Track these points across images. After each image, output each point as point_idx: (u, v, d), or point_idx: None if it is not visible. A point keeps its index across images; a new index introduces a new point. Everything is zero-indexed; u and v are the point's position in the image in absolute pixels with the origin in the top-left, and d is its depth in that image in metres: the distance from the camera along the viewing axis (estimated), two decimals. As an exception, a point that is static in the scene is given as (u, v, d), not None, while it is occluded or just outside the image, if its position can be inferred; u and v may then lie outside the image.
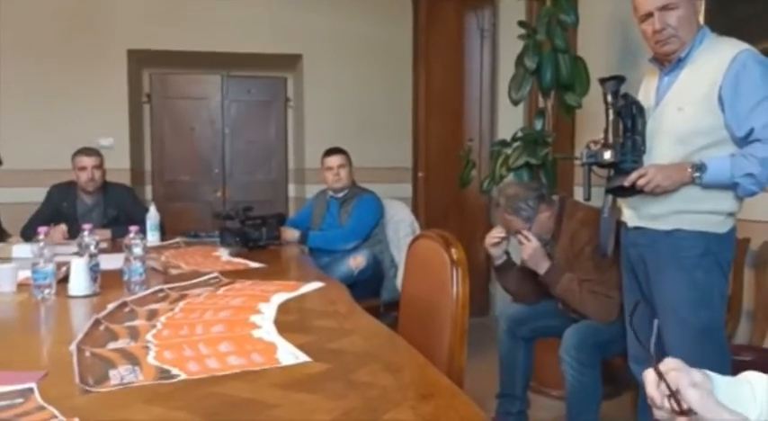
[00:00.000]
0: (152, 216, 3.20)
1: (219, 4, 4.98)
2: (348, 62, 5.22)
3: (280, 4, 5.09)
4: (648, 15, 1.96)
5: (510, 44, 3.83)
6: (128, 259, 1.93)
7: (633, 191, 1.96)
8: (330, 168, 3.52)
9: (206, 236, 3.43)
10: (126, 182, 4.25)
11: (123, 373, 1.12)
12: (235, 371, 1.14)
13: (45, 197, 3.49)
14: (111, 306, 1.61)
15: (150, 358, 1.21)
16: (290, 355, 1.23)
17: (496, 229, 2.60)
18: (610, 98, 2.02)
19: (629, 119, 2.02)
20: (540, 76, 3.29)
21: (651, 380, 0.78)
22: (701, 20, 2.15)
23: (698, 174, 1.88)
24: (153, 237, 3.13)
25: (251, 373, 1.12)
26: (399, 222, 3.60)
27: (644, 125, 2.03)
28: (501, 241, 2.59)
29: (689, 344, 1.92)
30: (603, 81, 2.06)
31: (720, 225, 1.96)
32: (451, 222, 4.55)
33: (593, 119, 3.28)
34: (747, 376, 0.86)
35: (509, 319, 2.62)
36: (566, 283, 2.39)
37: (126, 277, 1.92)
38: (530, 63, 3.27)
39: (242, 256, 2.73)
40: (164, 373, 1.12)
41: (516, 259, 2.66)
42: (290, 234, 3.32)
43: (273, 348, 1.28)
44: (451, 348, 1.45)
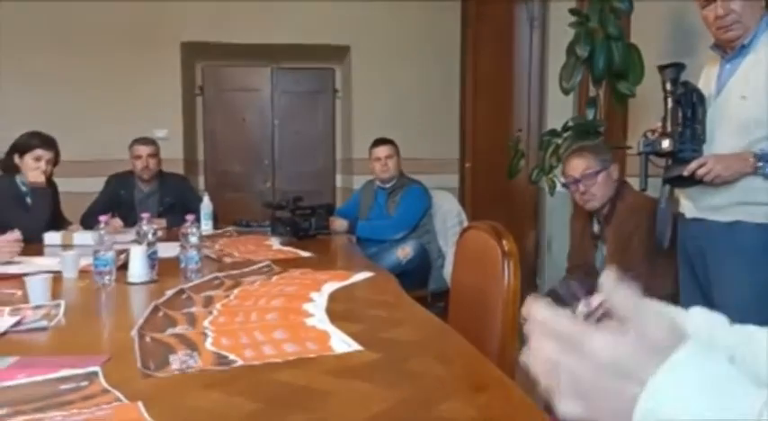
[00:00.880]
0: (206, 205, 3.27)
1: (269, -3, 5.04)
2: (396, 53, 5.22)
3: (328, -5, 5.12)
4: (710, 1, 1.90)
5: (560, 33, 3.76)
6: (184, 247, 1.98)
7: (692, 181, 1.91)
8: (378, 159, 3.53)
9: (257, 225, 3.49)
10: (179, 172, 4.36)
11: (183, 358, 1.15)
12: (289, 359, 1.16)
13: (104, 186, 3.61)
14: (169, 293, 1.66)
15: (208, 344, 1.25)
16: (342, 344, 1.24)
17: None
18: (669, 86, 1.96)
19: (688, 107, 1.96)
20: (593, 64, 3.21)
21: None
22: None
23: (761, 164, 1.82)
24: (207, 226, 3.20)
25: (305, 361, 1.14)
26: (447, 213, 3.60)
27: (704, 114, 1.97)
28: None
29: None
30: (662, 68, 2.00)
31: (784, 217, 1.89)
32: (499, 213, 4.50)
33: (646, 108, 3.19)
34: None
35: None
36: None
37: (183, 265, 1.98)
38: (581, 51, 3.20)
39: (292, 246, 2.77)
40: (221, 359, 1.15)
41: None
42: (338, 224, 3.35)
43: (326, 336, 1.30)
44: (503, 340, 1.44)
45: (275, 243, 2.86)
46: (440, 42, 5.25)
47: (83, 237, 2.68)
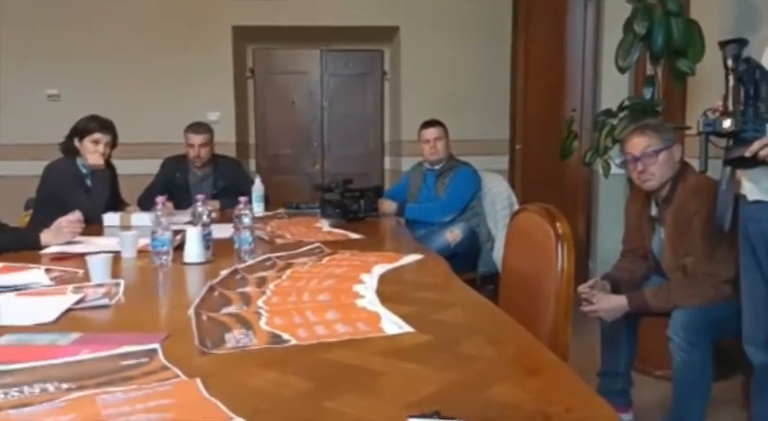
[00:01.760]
0: (257, 188, 3.32)
1: (319, -22, 5.04)
2: (446, 32, 5.16)
3: (377, -25, 5.09)
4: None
5: (616, 9, 3.65)
6: (237, 228, 2.01)
7: (755, 162, 1.83)
8: (427, 141, 3.51)
9: (306, 207, 3.53)
10: (232, 155, 4.43)
11: (238, 337, 1.18)
12: (342, 339, 1.17)
13: (159, 169, 3.70)
14: (224, 273, 1.69)
15: (262, 323, 1.27)
16: (393, 325, 1.25)
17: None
18: (730, 63, 1.87)
19: (751, 85, 1.87)
20: (651, 41, 3.11)
21: None
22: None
23: None
24: (258, 208, 3.25)
25: (357, 341, 1.15)
26: (496, 195, 3.55)
27: (767, 92, 1.88)
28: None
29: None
30: (724, 44, 1.91)
31: None
32: (550, 196, 4.40)
33: (706, 86, 3.07)
34: None
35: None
36: (652, 299, 2.29)
37: (236, 246, 2.01)
38: (639, 28, 3.10)
39: (341, 227, 2.79)
40: (275, 338, 1.17)
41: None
42: (387, 206, 3.35)
43: (377, 318, 1.31)
44: (555, 324, 1.42)
45: (325, 225, 2.88)
46: (490, 21, 5.16)
47: (140, 218, 2.77)
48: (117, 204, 3.15)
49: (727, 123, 1.87)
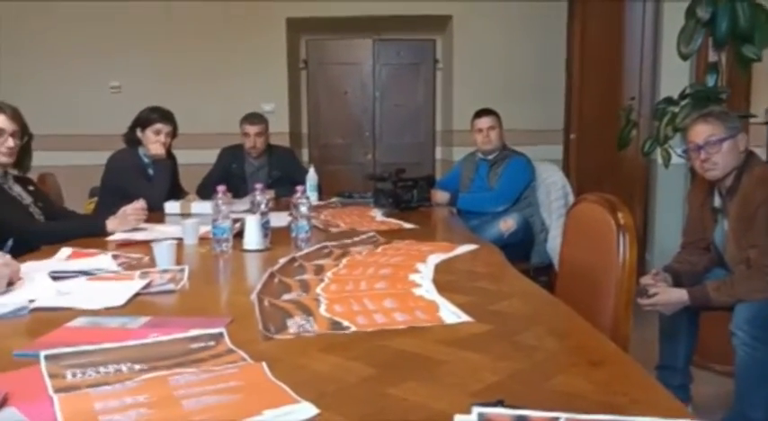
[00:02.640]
0: (311, 177, 3.36)
1: (372, -33, 5.04)
2: (499, 20, 5.10)
3: (430, -37, 5.06)
4: None
5: (678, -7, 3.53)
6: (294, 217, 2.05)
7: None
8: (480, 130, 3.48)
9: (359, 196, 3.55)
10: (285, 145, 4.49)
11: (300, 323, 1.20)
12: (400, 327, 1.18)
13: (216, 159, 3.79)
14: (283, 260, 1.73)
15: (322, 310, 1.29)
16: (452, 314, 1.25)
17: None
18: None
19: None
20: (714, 26, 3.00)
21: None
22: None
23: None
24: (312, 197, 3.28)
25: (416, 329, 1.16)
26: (551, 185, 3.50)
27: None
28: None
29: None
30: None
31: None
32: (606, 186, 4.32)
33: (774, 73, 2.95)
34: None
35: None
36: (715, 293, 2.21)
37: (293, 234, 2.05)
38: (702, 13, 2.99)
39: (394, 217, 2.80)
40: (335, 325, 1.19)
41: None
42: (439, 196, 3.35)
43: (435, 306, 1.31)
44: (616, 316, 1.40)
45: (378, 214, 2.90)
46: (545, 7, 5.06)
47: (200, 206, 2.84)
48: (177, 193, 3.24)
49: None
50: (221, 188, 1.99)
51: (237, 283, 1.74)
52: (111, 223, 2.29)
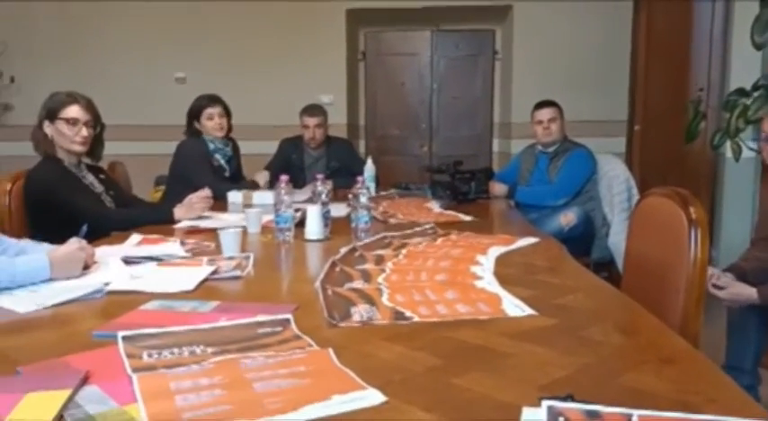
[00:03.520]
0: (369, 168, 3.37)
1: (431, -43, 5.01)
2: (561, 9, 4.99)
3: (490, -48, 4.99)
4: None
5: (753, -20, 3.38)
6: (354, 207, 2.07)
7: None
8: (540, 122, 3.42)
9: (415, 188, 3.55)
10: (342, 136, 4.53)
11: (363, 312, 1.21)
12: (463, 319, 1.18)
13: (276, 150, 3.85)
14: (344, 250, 1.75)
15: (384, 299, 1.30)
16: (515, 307, 1.24)
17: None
18: None
19: None
20: (793, 14, 2.86)
21: None
22: None
23: None
24: (369, 188, 3.30)
25: (479, 321, 1.16)
26: (613, 179, 3.41)
27: None
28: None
29: None
30: None
31: None
32: (671, 180, 4.17)
33: None
34: None
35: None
36: None
37: (353, 224, 2.07)
38: (780, 0, 2.86)
39: (452, 209, 2.79)
40: (398, 315, 1.20)
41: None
42: (498, 188, 3.31)
43: (498, 299, 1.30)
44: (686, 313, 1.36)
45: (435, 206, 2.90)
46: (609, -4, 4.93)
47: (261, 196, 2.90)
48: (239, 180, 3.32)
49: None
50: (284, 178, 2.02)
51: (300, 271, 1.77)
52: (178, 211, 2.37)
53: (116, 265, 1.58)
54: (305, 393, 0.84)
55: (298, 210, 2.11)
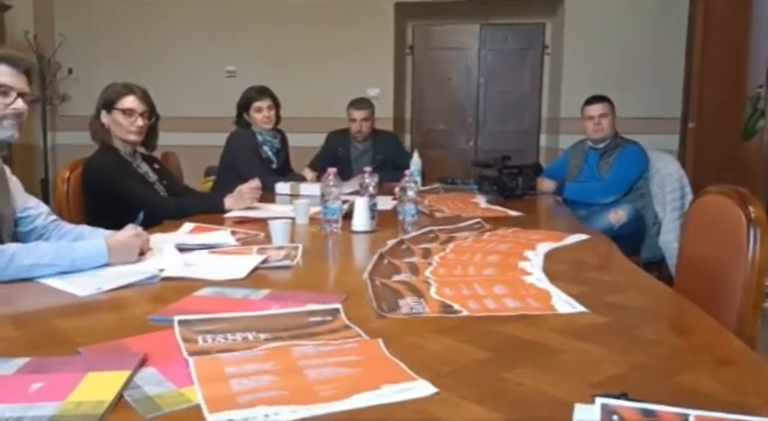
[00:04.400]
0: (415, 162, 3.37)
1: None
2: (614, 2, 4.88)
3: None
4: None
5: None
6: (401, 200, 2.07)
7: None
8: (591, 117, 3.36)
9: (461, 182, 3.54)
10: (389, 130, 4.53)
11: (411, 304, 1.22)
12: (512, 314, 1.17)
13: (323, 142, 3.89)
14: (391, 243, 1.76)
15: (432, 292, 1.30)
16: (565, 304, 1.23)
17: None
18: None
19: None
20: None
21: None
22: None
23: None
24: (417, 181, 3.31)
25: (528, 317, 1.15)
26: (666, 176, 3.33)
27: None
28: None
29: None
30: None
31: None
32: (726, 179, 4.06)
33: None
34: None
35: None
36: None
37: (400, 217, 2.08)
38: None
39: (498, 204, 2.76)
40: (446, 308, 1.20)
41: None
42: (545, 184, 3.27)
43: (547, 295, 1.29)
44: (742, 316, 1.32)
45: (482, 201, 2.88)
46: (665, -11, 4.81)
47: (308, 188, 2.93)
48: (286, 173, 3.36)
49: None
50: (332, 170, 2.04)
51: (347, 262, 1.78)
52: (229, 201, 2.41)
53: (170, 252, 1.62)
54: (356, 382, 0.85)
55: (345, 202, 2.13)
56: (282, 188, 3.00)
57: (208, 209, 2.37)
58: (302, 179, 3.37)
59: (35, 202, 1.78)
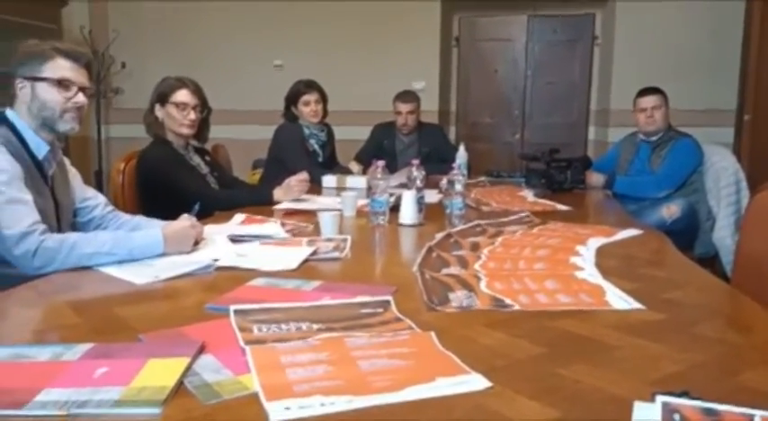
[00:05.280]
0: (461, 155, 3.35)
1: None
2: (668, -9, 4.75)
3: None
4: None
5: None
6: (449, 194, 2.06)
7: None
8: (643, 109, 3.27)
9: (508, 176, 3.50)
10: (434, 122, 4.51)
11: (462, 297, 1.22)
12: (565, 309, 1.16)
13: (369, 135, 3.90)
14: (439, 236, 1.75)
15: (482, 286, 1.30)
16: (620, 300, 1.20)
17: None
18: None
19: None
20: None
21: None
22: None
23: None
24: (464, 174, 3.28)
25: (582, 312, 1.13)
26: (721, 170, 3.22)
27: None
28: None
29: None
30: None
31: None
32: (783, 173, 3.93)
33: None
34: None
35: None
36: None
37: (447, 210, 2.07)
38: None
39: (546, 198, 2.73)
40: (498, 302, 1.19)
41: None
42: (595, 178, 3.21)
43: (601, 291, 1.27)
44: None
45: (529, 195, 2.84)
46: (721, -24, 4.65)
47: (355, 180, 2.94)
48: (332, 166, 3.38)
49: None
50: (380, 163, 2.04)
51: (396, 255, 1.79)
52: (278, 193, 2.44)
53: (223, 243, 1.65)
54: (409, 374, 0.85)
55: (392, 195, 2.13)
56: (329, 181, 3.02)
57: (257, 200, 2.40)
58: (348, 172, 3.38)
59: (93, 193, 1.84)
